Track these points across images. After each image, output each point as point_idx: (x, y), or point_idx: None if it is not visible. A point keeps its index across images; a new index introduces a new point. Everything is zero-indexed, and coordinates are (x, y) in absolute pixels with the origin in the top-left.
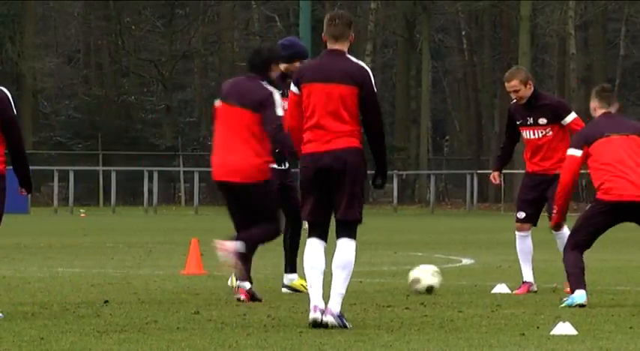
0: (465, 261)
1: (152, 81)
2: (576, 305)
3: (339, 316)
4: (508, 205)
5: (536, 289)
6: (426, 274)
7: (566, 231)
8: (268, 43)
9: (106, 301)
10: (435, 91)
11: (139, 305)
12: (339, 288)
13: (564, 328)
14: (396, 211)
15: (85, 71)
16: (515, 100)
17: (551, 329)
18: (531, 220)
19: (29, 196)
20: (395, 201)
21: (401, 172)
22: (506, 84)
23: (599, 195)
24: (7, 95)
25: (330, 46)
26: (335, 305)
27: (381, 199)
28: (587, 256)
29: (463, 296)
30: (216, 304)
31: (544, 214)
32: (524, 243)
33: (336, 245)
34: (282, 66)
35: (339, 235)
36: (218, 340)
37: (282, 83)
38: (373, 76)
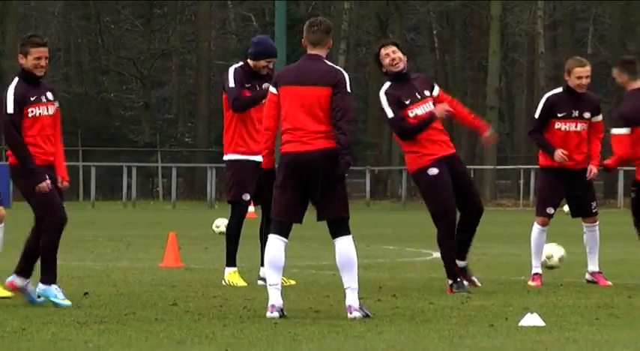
0: (436, 254)
1: (131, 79)
2: None
3: (360, 308)
4: None
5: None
6: (554, 249)
7: (597, 228)
8: None
9: (86, 293)
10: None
11: (118, 297)
12: (351, 284)
13: (532, 320)
14: (368, 206)
15: (66, 69)
16: (557, 92)
17: (520, 320)
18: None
19: (11, 190)
20: (368, 196)
21: (373, 168)
22: (580, 69)
23: None
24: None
25: (309, 51)
26: (354, 301)
27: (354, 194)
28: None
29: (434, 288)
30: (193, 296)
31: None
32: (543, 236)
33: (334, 245)
34: (251, 62)
35: (336, 235)
36: (195, 331)
37: (250, 79)
38: (349, 77)
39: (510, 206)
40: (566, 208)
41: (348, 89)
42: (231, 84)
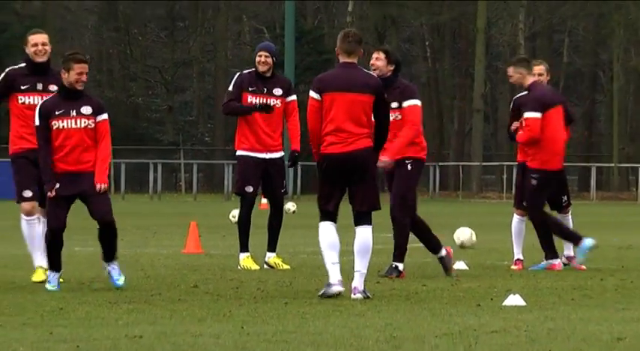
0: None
1: (156, 85)
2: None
3: (363, 291)
4: (465, 193)
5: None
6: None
7: (569, 217)
8: None
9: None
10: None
11: (146, 280)
12: (362, 268)
13: (515, 300)
14: None
15: (98, 76)
16: (522, 94)
17: (503, 301)
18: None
19: None
20: None
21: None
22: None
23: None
24: None
25: (344, 59)
26: (360, 284)
27: None
28: (536, 237)
29: (427, 272)
30: (212, 279)
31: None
32: (522, 225)
33: (355, 231)
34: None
35: (359, 223)
36: (214, 310)
37: (256, 82)
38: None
39: (495, 199)
40: None
41: (385, 95)
42: (230, 88)
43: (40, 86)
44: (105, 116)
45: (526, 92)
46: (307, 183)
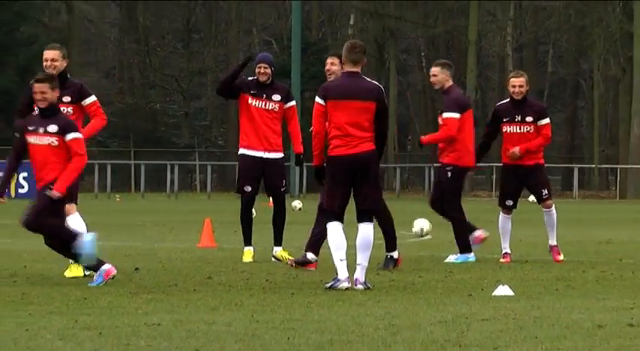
0: (426, 236)
1: (173, 92)
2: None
3: (364, 282)
4: None
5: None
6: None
7: (553, 210)
8: None
9: (137, 269)
10: (399, 101)
11: (163, 272)
12: (363, 262)
13: (503, 290)
14: None
15: (120, 84)
16: (504, 101)
17: (493, 291)
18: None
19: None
20: None
21: None
22: (514, 79)
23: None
24: None
25: (349, 68)
26: (361, 276)
27: None
28: (523, 232)
29: (422, 264)
30: (224, 271)
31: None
32: (508, 223)
33: (358, 228)
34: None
35: (361, 220)
36: (226, 300)
37: (257, 88)
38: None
39: (485, 197)
40: (531, 197)
41: (386, 102)
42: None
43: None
44: (75, 135)
45: (507, 100)
46: (313, 182)
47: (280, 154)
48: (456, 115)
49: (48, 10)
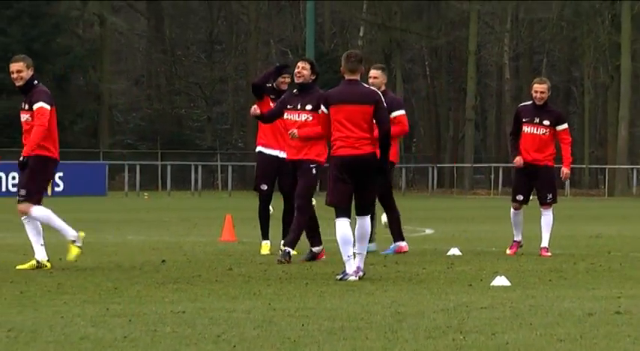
0: (428, 231)
1: (197, 98)
2: None
3: (363, 270)
4: (459, 190)
5: (522, 244)
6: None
7: (550, 213)
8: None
9: (163, 261)
10: (405, 107)
11: (188, 264)
12: (362, 251)
13: (501, 281)
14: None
15: (148, 91)
16: (526, 103)
17: (491, 281)
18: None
19: (106, 182)
20: None
21: None
22: (536, 85)
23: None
24: None
25: (348, 77)
26: (361, 263)
27: None
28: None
29: (426, 257)
30: (244, 263)
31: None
32: (519, 216)
33: (357, 220)
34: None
35: (359, 213)
36: (246, 289)
37: (273, 93)
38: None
39: (484, 195)
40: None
41: (384, 104)
42: None
43: (25, 105)
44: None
45: (529, 103)
46: (325, 180)
47: None
48: (404, 112)
49: (82, 22)
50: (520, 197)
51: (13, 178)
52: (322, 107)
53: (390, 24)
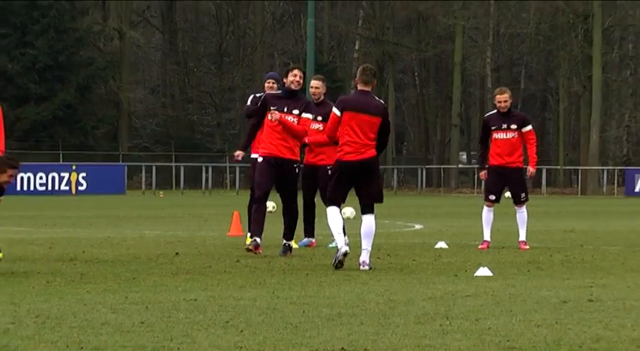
0: (417, 226)
1: (208, 106)
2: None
3: (369, 264)
4: (445, 189)
5: (490, 244)
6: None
7: (524, 210)
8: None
9: (177, 253)
10: (396, 113)
11: (199, 256)
12: (368, 247)
13: (484, 271)
14: None
15: (163, 99)
16: (491, 112)
17: (475, 272)
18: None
19: (125, 181)
20: None
21: None
22: (498, 96)
23: None
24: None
25: (361, 87)
26: (367, 258)
27: None
28: (500, 223)
29: (415, 250)
30: (250, 256)
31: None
32: (490, 214)
33: (362, 218)
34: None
35: (365, 212)
36: (252, 279)
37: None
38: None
39: (468, 193)
40: (507, 194)
41: (389, 118)
42: (247, 104)
43: None
44: None
45: (494, 112)
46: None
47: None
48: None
49: (103, 36)
50: (492, 197)
51: (40, 177)
52: (336, 110)
53: (383, 38)
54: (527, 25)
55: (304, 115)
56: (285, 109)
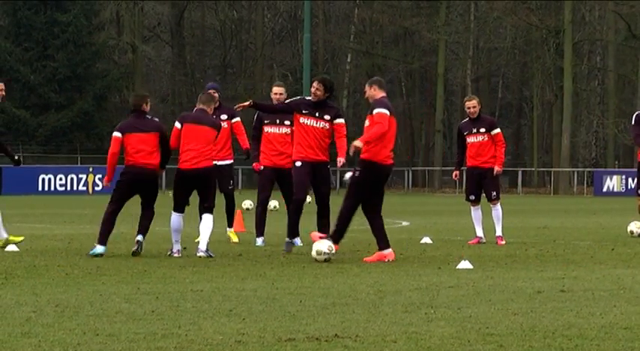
0: (404, 223)
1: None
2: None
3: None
4: (429, 189)
5: (484, 241)
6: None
7: (498, 207)
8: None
9: (185, 248)
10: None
11: None
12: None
13: (465, 264)
14: None
15: (172, 108)
16: (465, 120)
17: (457, 265)
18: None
19: None
20: None
21: (358, 168)
22: (467, 102)
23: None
24: None
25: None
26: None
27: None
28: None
29: (402, 244)
30: (252, 250)
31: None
32: (477, 212)
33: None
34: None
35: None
36: (253, 271)
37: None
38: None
39: (450, 193)
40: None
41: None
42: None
43: None
44: None
45: (466, 119)
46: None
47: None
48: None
49: (117, 50)
50: (472, 197)
51: (60, 179)
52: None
53: (372, 51)
54: (504, 39)
55: (337, 121)
56: (317, 115)
